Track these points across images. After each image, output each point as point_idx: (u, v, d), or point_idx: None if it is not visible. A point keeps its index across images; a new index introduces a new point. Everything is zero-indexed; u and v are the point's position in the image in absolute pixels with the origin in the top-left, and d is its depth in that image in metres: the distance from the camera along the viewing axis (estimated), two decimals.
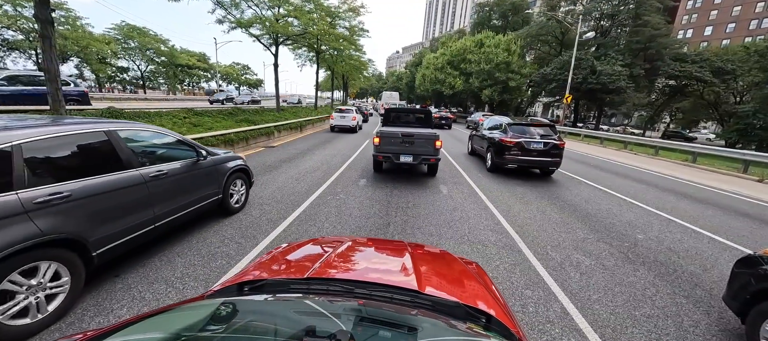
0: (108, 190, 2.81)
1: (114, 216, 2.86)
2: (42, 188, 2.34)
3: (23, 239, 2.15)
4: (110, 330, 0.88)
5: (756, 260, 2.60)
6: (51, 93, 6.23)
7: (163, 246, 3.73)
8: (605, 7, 32.86)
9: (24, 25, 25.39)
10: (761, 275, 2.47)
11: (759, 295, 2.46)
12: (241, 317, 0.99)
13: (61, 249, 2.43)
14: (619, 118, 54.25)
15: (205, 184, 4.13)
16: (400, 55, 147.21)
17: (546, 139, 8.56)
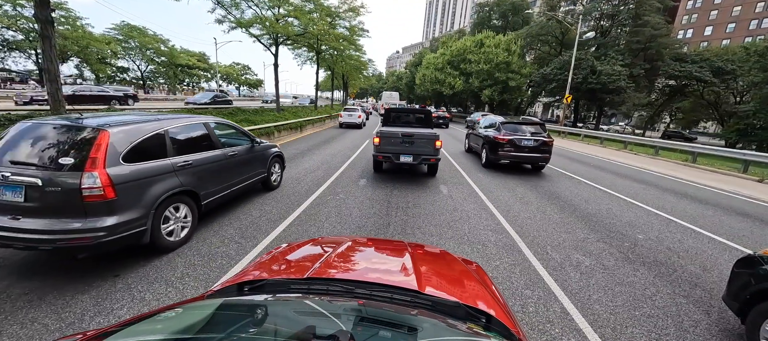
0: (207, 162, 4.15)
1: (211, 179, 4.20)
2: (178, 157, 3.70)
3: (173, 187, 3.55)
4: (110, 330, 0.88)
5: (756, 260, 2.60)
6: (51, 93, 6.23)
7: None
8: (605, 7, 32.87)
9: (24, 25, 25.39)
10: (761, 275, 2.47)
11: (759, 295, 2.46)
12: (241, 317, 0.99)
13: (189, 197, 3.82)
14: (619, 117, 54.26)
15: (257, 164, 5.52)
16: (400, 55, 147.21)
17: (536, 136, 9.32)
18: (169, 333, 0.88)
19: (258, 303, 1.12)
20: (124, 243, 3.08)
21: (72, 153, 2.90)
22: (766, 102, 21.83)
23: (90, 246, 2.82)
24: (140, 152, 3.30)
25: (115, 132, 3.10)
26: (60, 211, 2.79)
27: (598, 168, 11.52)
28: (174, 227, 3.65)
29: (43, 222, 2.75)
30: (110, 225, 2.90)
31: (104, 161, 2.92)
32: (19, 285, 2.85)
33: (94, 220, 2.84)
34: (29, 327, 2.39)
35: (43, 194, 2.74)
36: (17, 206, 2.76)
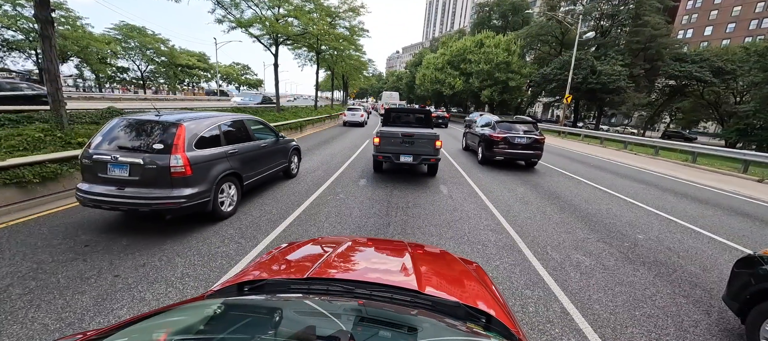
0: (246, 150, 5.18)
1: (249, 164, 5.23)
2: (228, 146, 4.72)
3: (226, 169, 4.56)
4: (110, 330, 0.88)
5: (756, 260, 2.60)
6: (51, 93, 6.23)
7: (163, 246, 3.74)
8: (605, 7, 32.85)
9: (24, 25, 25.39)
10: (761, 275, 2.47)
11: (759, 295, 2.46)
12: (241, 317, 0.99)
13: (235, 177, 4.82)
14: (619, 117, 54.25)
15: (280, 155, 6.55)
16: (400, 55, 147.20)
17: (529, 134, 9.82)
18: (169, 333, 0.88)
19: (258, 303, 1.12)
20: (196, 210, 4.11)
21: (161, 140, 3.89)
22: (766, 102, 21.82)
23: (174, 210, 3.88)
24: (205, 141, 4.34)
25: (188, 125, 4.12)
26: (154, 183, 3.80)
27: (598, 168, 11.52)
28: (225, 201, 4.70)
29: (142, 191, 3.77)
30: (188, 194, 3.93)
31: (183, 147, 3.94)
32: (74, 262, 2.86)
33: (178, 190, 3.87)
34: (29, 327, 2.39)
35: (143, 171, 3.76)
36: (123, 180, 3.80)
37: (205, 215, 4.43)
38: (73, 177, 5.26)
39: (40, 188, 4.82)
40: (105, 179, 3.85)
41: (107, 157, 3.82)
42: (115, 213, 4.57)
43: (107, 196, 3.78)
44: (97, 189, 3.84)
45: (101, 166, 3.84)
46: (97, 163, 3.86)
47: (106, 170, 3.84)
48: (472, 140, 12.08)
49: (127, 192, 3.75)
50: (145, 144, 3.91)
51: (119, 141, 3.95)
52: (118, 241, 3.81)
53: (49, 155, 5.19)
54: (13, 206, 4.46)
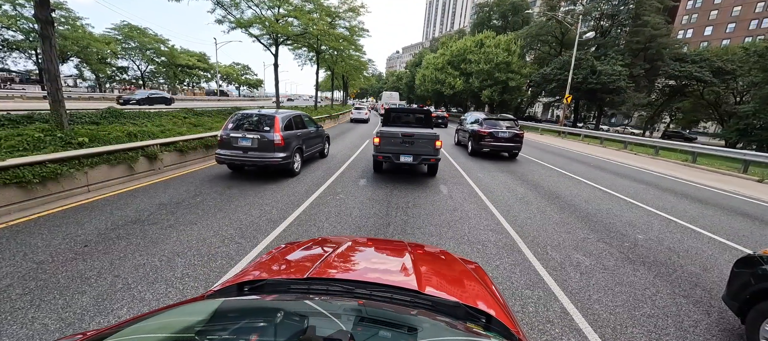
0: (304, 134, 7.86)
1: (306, 143, 7.98)
2: (297, 130, 7.53)
3: (298, 144, 7.46)
4: (110, 330, 0.88)
5: (756, 260, 2.60)
6: (51, 93, 6.23)
7: (163, 246, 3.74)
8: (605, 7, 32.83)
9: (24, 25, 25.40)
10: (761, 275, 2.47)
11: (758, 295, 2.46)
12: (241, 317, 0.99)
13: (300, 150, 7.59)
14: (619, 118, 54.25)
15: (320, 140, 9.35)
16: (400, 55, 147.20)
17: (510, 130, 11.52)
18: (169, 333, 0.88)
19: (258, 303, 1.12)
20: (284, 167, 6.98)
21: (267, 125, 6.75)
22: (766, 102, 21.81)
23: (276, 166, 6.75)
24: (288, 126, 7.15)
25: (280, 116, 7.03)
26: (264, 149, 6.59)
27: (598, 168, 11.52)
28: (296, 164, 7.50)
29: (259, 154, 6.59)
30: (281, 157, 6.70)
31: (279, 129, 6.71)
32: (73, 262, 2.86)
33: (278, 155, 6.65)
34: (29, 327, 2.39)
35: (260, 142, 6.55)
36: (247, 147, 6.63)
37: (286, 172, 7.40)
38: (73, 177, 5.26)
39: (40, 188, 4.82)
40: (235, 147, 6.70)
41: (239, 135, 6.69)
42: (115, 213, 4.64)
43: (236, 157, 6.73)
44: (230, 153, 6.73)
45: (234, 140, 6.68)
46: (231, 137, 6.69)
47: (237, 142, 6.68)
48: (463, 136, 13.68)
49: (249, 155, 6.68)
50: (259, 127, 6.83)
51: (243, 125, 6.91)
52: (117, 243, 3.81)
53: (49, 155, 5.19)
54: (13, 206, 4.46)
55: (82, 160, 5.53)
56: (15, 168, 4.63)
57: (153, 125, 8.89)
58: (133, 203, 5.17)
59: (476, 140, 11.60)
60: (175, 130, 8.93)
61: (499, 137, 11.28)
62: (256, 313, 1.04)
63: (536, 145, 18.55)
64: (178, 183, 6.47)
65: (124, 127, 7.87)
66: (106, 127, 7.64)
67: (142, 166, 6.65)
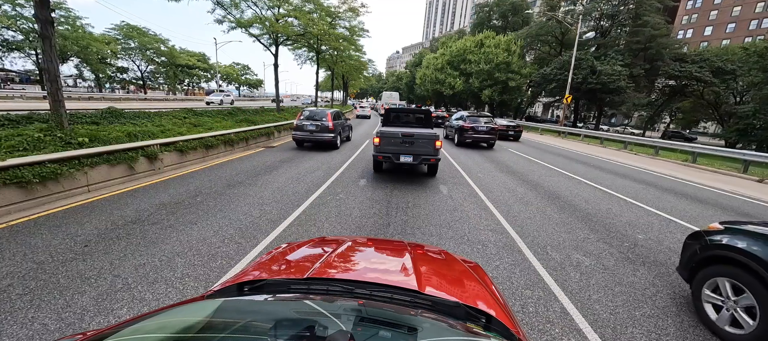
0: (341, 123, 12.58)
1: (342, 128, 12.71)
2: (337, 120, 12.06)
3: (339, 129, 12.27)
4: (110, 330, 0.88)
5: (701, 234, 3.07)
6: (51, 93, 6.23)
7: (163, 246, 3.74)
8: (605, 7, 32.82)
9: (24, 25, 25.39)
10: (704, 246, 2.95)
11: (702, 263, 2.96)
12: (241, 317, 0.99)
13: (340, 133, 12.52)
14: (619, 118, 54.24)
15: (349, 128, 14.36)
16: (400, 55, 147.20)
17: (487, 124, 14.63)
18: (169, 333, 0.88)
19: (258, 303, 1.12)
20: (333, 143, 11.50)
21: (324, 117, 11.45)
22: (766, 102, 21.79)
23: (328, 142, 11.45)
24: (335, 117, 11.79)
25: (331, 112, 11.88)
26: (323, 131, 11.26)
27: (598, 168, 11.52)
28: (338, 141, 11.92)
29: (319, 134, 11.27)
30: (332, 136, 11.33)
31: (331, 119, 11.41)
32: (73, 262, 2.86)
33: (330, 135, 11.29)
34: (29, 327, 2.39)
35: (319, 127, 11.24)
36: (312, 130, 11.27)
37: (333, 146, 11.73)
38: (73, 177, 5.27)
39: (40, 188, 4.82)
40: (304, 130, 11.20)
41: (307, 123, 11.20)
42: (115, 213, 4.63)
43: (306, 137, 11.31)
44: (302, 134, 11.29)
45: (304, 125, 11.21)
46: (303, 124, 11.23)
47: (305, 127, 11.19)
48: (450, 131, 16.63)
49: (314, 135, 11.17)
50: (318, 116, 11.47)
51: (309, 116, 11.49)
52: (117, 243, 3.81)
53: (49, 155, 5.19)
54: (13, 206, 4.46)
55: (82, 160, 5.54)
56: (15, 168, 4.63)
57: (153, 125, 8.90)
58: (133, 203, 5.17)
59: (460, 133, 14.45)
60: (175, 130, 8.93)
61: (479, 130, 14.28)
62: (256, 313, 1.04)
63: (536, 144, 18.54)
64: (177, 183, 6.48)
65: (124, 127, 7.87)
66: (106, 127, 7.65)
67: (142, 166, 6.66)
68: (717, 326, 2.76)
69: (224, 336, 0.86)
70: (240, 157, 9.54)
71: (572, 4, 36.34)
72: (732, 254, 2.69)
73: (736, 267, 2.67)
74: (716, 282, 2.82)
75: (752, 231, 2.71)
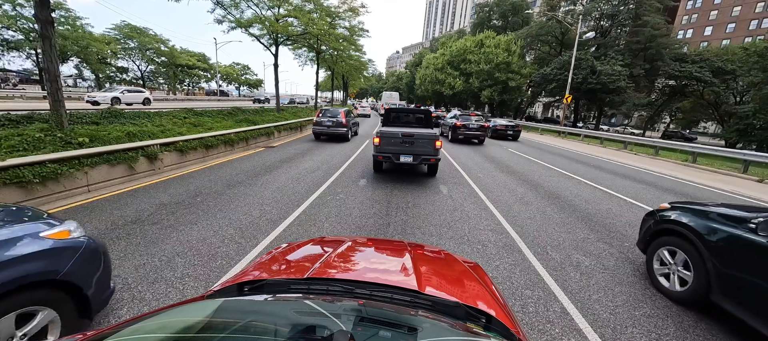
0: (351, 120, 15.77)
1: (353, 124, 16.26)
2: (348, 117, 14.86)
3: (351, 125, 15.20)
4: (110, 330, 0.88)
5: (655, 212, 3.76)
6: (51, 93, 6.23)
7: (163, 246, 3.74)
8: (605, 7, 32.83)
9: (24, 25, 25.38)
10: (656, 222, 3.63)
11: (654, 235, 3.62)
12: (241, 317, 0.99)
13: (353, 129, 15.97)
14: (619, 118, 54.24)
15: (356, 125, 17.39)
16: (400, 55, 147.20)
17: (478, 122, 16.39)
18: (169, 332, 0.88)
19: (258, 303, 1.12)
20: (345, 136, 14.22)
21: (337, 115, 14.31)
22: (766, 102, 21.78)
23: (341, 135, 14.20)
24: (347, 115, 14.61)
25: (343, 110, 14.79)
26: (338, 127, 13.99)
27: (598, 168, 11.52)
28: (349, 135, 14.75)
29: (334, 129, 14.03)
30: (345, 130, 14.08)
31: (344, 116, 14.25)
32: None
33: (343, 129, 14.01)
34: None
35: (334, 123, 14.02)
36: (329, 124, 14.04)
37: (345, 139, 14.31)
38: (73, 177, 5.27)
39: (40, 188, 4.82)
40: (322, 124, 14.04)
41: (325, 119, 14.08)
42: (115, 213, 4.64)
43: (323, 131, 14.07)
44: (320, 128, 14.07)
45: (322, 121, 14.07)
46: (321, 120, 14.08)
47: (324, 123, 14.03)
48: (445, 128, 18.24)
49: (330, 129, 13.96)
50: (333, 114, 14.30)
51: (327, 114, 14.33)
52: (117, 243, 3.81)
53: (49, 155, 5.19)
54: None
55: (82, 160, 5.54)
56: (15, 168, 4.63)
57: (153, 125, 8.90)
58: (133, 203, 5.17)
59: (454, 130, 16.25)
60: (175, 130, 8.93)
61: (470, 128, 16.05)
62: (256, 313, 1.04)
63: (536, 144, 18.54)
64: (177, 183, 6.47)
65: (124, 127, 7.87)
66: (106, 127, 7.65)
67: (142, 166, 6.66)
68: (664, 286, 3.39)
69: (224, 336, 0.86)
70: (240, 157, 9.54)
71: (572, 4, 36.33)
72: (675, 226, 3.35)
73: (678, 237, 3.32)
74: (665, 250, 3.46)
75: (690, 208, 3.39)
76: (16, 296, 1.73)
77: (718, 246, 2.88)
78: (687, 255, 3.18)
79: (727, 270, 2.78)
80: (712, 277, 2.88)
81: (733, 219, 2.92)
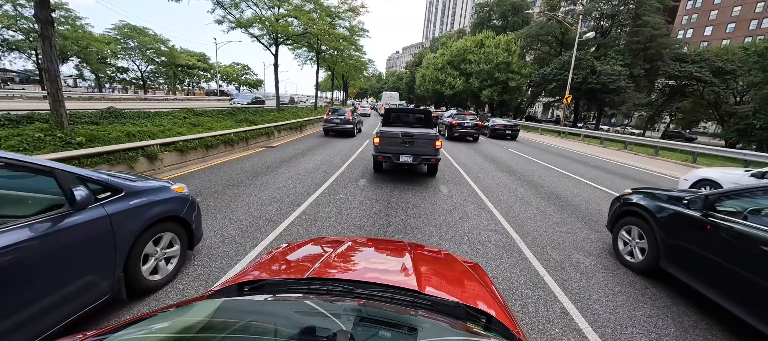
0: (356, 118, 17.60)
1: (358, 121, 18.54)
2: (353, 115, 16.98)
3: (357, 122, 17.76)
4: (110, 330, 0.88)
5: (620, 197, 4.33)
6: (51, 93, 6.23)
7: None
8: (605, 7, 32.83)
9: (24, 25, 25.38)
10: (621, 204, 4.21)
11: (619, 216, 4.21)
12: (241, 317, 0.99)
13: (358, 125, 18.31)
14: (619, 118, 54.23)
15: (361, 123, 19.67)
16: (400, 55, 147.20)
17: (473, 121, 17.33)
18: (169, 333, 0.88)
19: (258, 303, 1.12)
20: (351, 132, 16.16)
21: (346, 111, 16.52)
22: (766, 102, 21.78)
23: (349, 131, 16.04)
24: (353, 114, 16.68)
25: (349, 110, 17.02)
26: (345, 123, 15.88)
27: (598, 168, 11.52)
28: (355, 131, 16.78)
29: (342, 125, 15.88)
30: (352, 127, 16.06)
31: (351, 114, 16.39)
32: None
33: (350, 126, 15.92)
34: None
35: (342, 120, 15.94)
36: (338, 121, 15.96)
37: (351, 134, 16.17)
38: None
39: None
40: (332, 121, 15.91)
41: (334, 117, 16.00)
42: None
43: (333, 127, 15.92)
44: (330, 125, 15.93)
45: (332, 119, 15.95)
46: (331, 118, 15.98)
47: (333, 120, 15.89)
48: (441, 127, 18.91)
49: (338, 126, 15.78)
50: (341, 113, 16.28)
51: (336, 113, 16.26)
52: None
53: (49, 155, 5.19)
54: None
55: (82, 160, 5.53)
56: None
57: (153, 125, 8.90)
58: None
59: (450, 129, 17.15)
60: (175, 130, 8.93)
61: (465, 126, 17.03)
62: (256, 313, 1.04)
63: (536, 144, 18.54)
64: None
65: (123, 127, 7.87)
66: (106, 127, 7.65)
67: (142, 166, 6.66)
68: (626, 259, 3.97)
69: (224, 336, 0.86)
70: (240, 157, 9.54)
71: (572, 4, 36.34)
72: (634, 208, 3.92)
73: (636, 216, 3.90)
74: (627, 228, 4.04)
75: (646, 192, 4.00)
76: (162, 223, 2.87)
77: (663, 221, 3.48)
78: (643, 230, 3.76)
79: (670, 240, 3.37)
80: (660, 247, 3.47)
81: (674, 199, 3.52)
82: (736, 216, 2.79)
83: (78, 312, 2.18)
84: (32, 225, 1.92)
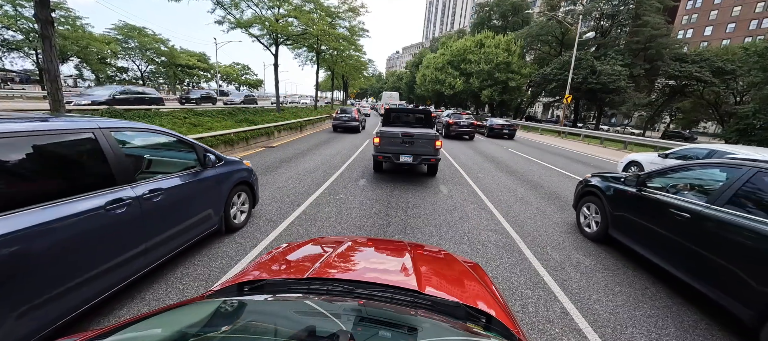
0: (362, 117, 21.58)
1: (363, 118, 22.32)
2: (358, 114, 19.70)
3: (361, 120, 20.43)
4: (110, 330, 0.88)
5: (585, 180, 5.01)
6: (51, 93, 6.22)
7: None
8: (605, 7, 32.81)
9: (24, 25, 25.37)
10: (583, 186, 4.99)
11: (582, 196, 4.98)
12: (241, 317, 0.99)
13: (361, 122, 20.53)
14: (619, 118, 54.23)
15: (364, 120, 22.27)
16: (400, 55, 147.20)
17: (468, 120, 18.33)
18: (169, 333, 0.88)
19: (258, 303, 1.12)
20: (357, 128, 18.66)
21: (352, 110, 19.09)
22: (766, 102, 21.77)
23: (354, 127, 18.44)
24: (359, 113, 19.76)
25: (355, 109, 19.72)
26: (351, 121, 18.23)
27: (599, 168, 11.53)
28: (359, 127, 19.43)
29: (349, 122, 18.23)
30: (357, 124, 18.56)
31: (357, 112, 19.08)
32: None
33: (355, 123, 18.29)
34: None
35: (349, 118, 18.31)
36: (345, 119, 18.33)
37: (357, 131, 18.60)
38: None
39: None
40: (341, 119, 18.19)
41: (342, 115, 18.41)
42: None
43: (341, 124, 18.14)
44: (338, 122, 18.20)
45: (340, 117, 18.29)
46: (339, 116, 18.34)
47: (341, 118, 18.20)
48: (439, 126, 19.62)
49: (346, 123, 18.09)
50: (348, 111, 18.82)
51: (343, 112, 18.70)
52: None
53: None
54: None
55: None
56: None
57: None
58: None
59: (447, 128, 18.11)
60: (174, 131, 8.93)
61: (461, 125, 18.00)
62: (256, 313, 1.04)
63: (536, 145, 18.55)
64: None
65: None
66: None
67: None
68: (585, 231, 4.80)
69: (224, 336, 0.86)
70: (240, 157, 9.53)
71: (572, 4, 36.31)
72: (592, 189, 4.72)
73: (594, 196, 4.68)
74: (587, 205, 4.86)
75: (601, 175, 4.79)
76: (239, 185, 4.20)
77: (610, 197, 4.33)
78: (597, 206, 4.58)
79: (614, 212, 4.21)
80: (608, 218, 4.31)
81: (617, 179, 4.38)
82: (658, 189, 3.69)
83: (204, 233, 3.55)
84: (186, 174, 3.25)
